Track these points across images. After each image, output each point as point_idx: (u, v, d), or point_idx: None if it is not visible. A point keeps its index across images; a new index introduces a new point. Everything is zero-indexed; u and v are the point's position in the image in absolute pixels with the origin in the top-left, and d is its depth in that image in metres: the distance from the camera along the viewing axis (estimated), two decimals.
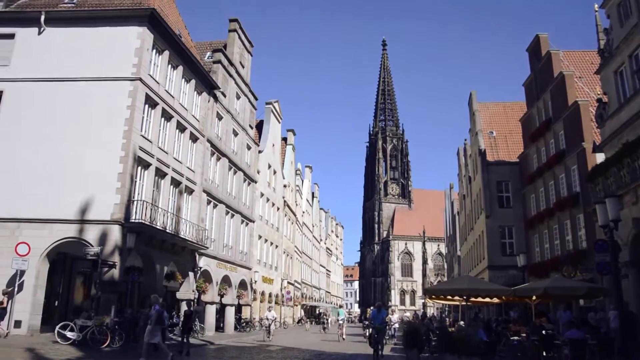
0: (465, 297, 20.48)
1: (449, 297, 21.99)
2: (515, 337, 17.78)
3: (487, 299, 21.54)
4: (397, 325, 27.88)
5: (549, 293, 17.69)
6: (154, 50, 24.48)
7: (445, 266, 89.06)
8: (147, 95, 23.21)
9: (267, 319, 28.92)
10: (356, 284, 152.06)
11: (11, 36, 23.82)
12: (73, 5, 24.79)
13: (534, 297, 19.07)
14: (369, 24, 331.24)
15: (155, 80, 24.27)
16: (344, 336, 30.96)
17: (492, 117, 41.53)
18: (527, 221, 33.03)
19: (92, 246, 20.10)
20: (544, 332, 17.01)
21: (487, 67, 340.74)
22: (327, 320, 47.04)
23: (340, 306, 64.78)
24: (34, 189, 21.11)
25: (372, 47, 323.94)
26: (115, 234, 20.59)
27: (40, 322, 20.68)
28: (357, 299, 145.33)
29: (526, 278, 27.34)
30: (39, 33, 23.61)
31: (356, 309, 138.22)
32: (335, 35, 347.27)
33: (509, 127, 40.08)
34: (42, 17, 23.47)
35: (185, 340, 18.49)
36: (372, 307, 29.10)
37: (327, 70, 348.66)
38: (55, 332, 18.54)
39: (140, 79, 22.49)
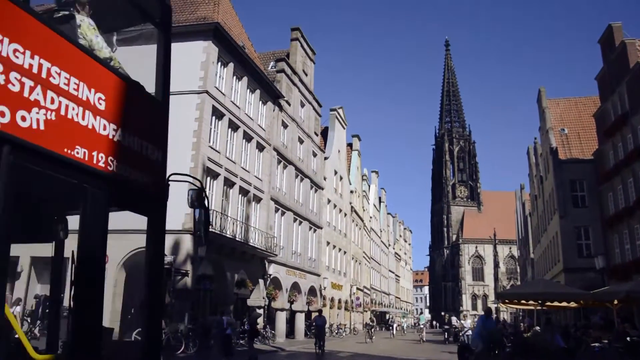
0: (540, 302, 19.79)
1: (523, 301, 21.33)
2: (597, 344, 16.93)
3: (564, 303, 20.72)
4: (470, 332, 25.94)
5: (632, 297, 16.79)
6: (219, 63, 25.17)
7: (518, 269, 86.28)
8: (213, 107, 23.88)
9: (316, 325, 23.92)
10: (426, 289, 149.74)
11: None
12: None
13: (615, 302, 18.16)
14: (431, 24, 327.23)
15: (221, 92, 24.94)
16: (424, 338, 36.56)
17: (563, 114, 39.95)
18: (605, 221, 31.52)
19: (165, 255, 20.82)
20: (628, 339, 16.12)
21: (556, 62, 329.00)
22: (393, 326, 46.25)
23: (422, 312, 65.00)
24: None
25: (435, 48, 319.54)
26: (187, 243, 21.24)
27: (119, 328, 21.59)
28: (427, 304, 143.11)
29: (606, 281, 26.06)
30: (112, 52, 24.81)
31: (427, 315, 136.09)
32: (397, 37, 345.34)
33: (581, 123, 38.46)
34: (114, 38, 24.62)
35: (249, 346, 19.02)
36: (443, 313, 28.08)
37: (390, 74, 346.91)
38: (133, 338, 19.32)
39: (207, 92, 23.18)
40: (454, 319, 40.83)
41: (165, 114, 5.17)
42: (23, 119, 3.30)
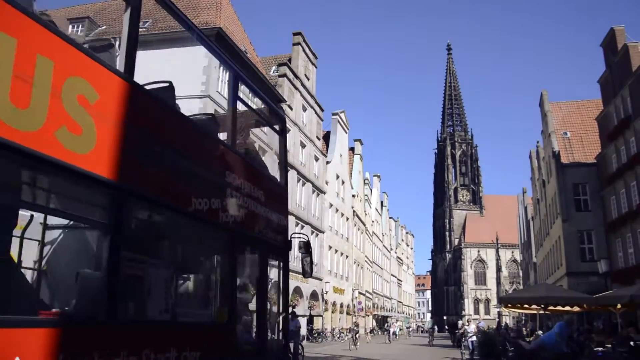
0: (543, 306, 19.72)
1: (526, 305, 21.27)
2: (600, 348, 16.82)
3: (567, 308, 20.64)
4: (474, 338, 23.66)
5: (636, 301, 16.71)
6: (221, 68, 25.20)
7: (521, 274, 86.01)
8: (216, 112, 23.86)
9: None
10: (428, 293, 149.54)
11: None
12: (144, 30, 25.95)
13: (618, 306, 18.09)
14: (433, 28, 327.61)
15: (224, 97, 24.94)
16: (433, 341, 39.29)
17: (566, 117, 39.88)
18: (608, 225, 31.44)
19: None
20: (632, 343, 16.00)
21: (559, 65, 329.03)
22: (390, 330, 45.07)
23: (432, 317, 65.23)
24: None
25: (437, 52, 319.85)
26: None
27: None
28: (430, 308, 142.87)
29: (609, 285, 25.96)
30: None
31: (428, 319, 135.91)
32: (399, 41, 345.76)
33: (584, 126, 38.39)
34: (117, 43, 24.66)
35: None
36: (445, 317, 27.03)
37: (393, 78, 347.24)
38: None
39: (209, 96, 23.22)
40: (460, 322, 40.73)
41: (286, 193, 8.40)
42: (240, 217, 6.23)
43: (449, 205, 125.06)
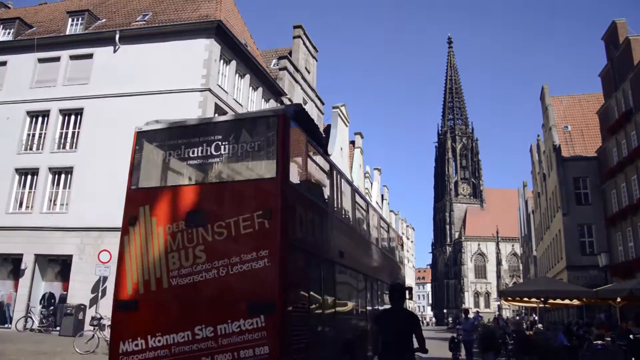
0: (542, 299, 19.76)
1: (526, 299, 21.30)
2: (599, 342, 16.85)
3: (567, 301, 20.67)
4: (473, 337, 21.09)
5: (636, 295, 16.74)
6: (222, 61, 25.13)
7: (521, 267, 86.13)
8: (216, 105, 23.83)
9: None
10: (428, 287, 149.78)
11: (90, 56, 25.21)
12: (144, 22, 25.88)
13: (618, 299, 18.12)
14: (434, 21, 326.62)
15: (224, 90, 24.90)
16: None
17: (567, 111, 39.78)
18: (609, 218, 31.44)
19: None
20: (631, 336, 16.01)
21: (560, 59, 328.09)
22: None
23: (432, 310, 64.37)
24: (113, 200, 22.07)
25: (438, 45, 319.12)
26: None
27: None
28: (430, 301, 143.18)
29: (609, 279, 26.00)
30: (114, 51, 24.80)
31: (429, 312, 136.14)
32: (400, 34, 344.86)
33: (585, 120, 38.31)
34: (117, 36, 24.65)
35: None
36: (446, 311, 26.55)
37: (393, 71, 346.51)
38: None
39: (210, 90, 23.13)
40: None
41: (400, 267, 20.32)
42: (370, 271, 14.61)
43: (449, 198, 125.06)
